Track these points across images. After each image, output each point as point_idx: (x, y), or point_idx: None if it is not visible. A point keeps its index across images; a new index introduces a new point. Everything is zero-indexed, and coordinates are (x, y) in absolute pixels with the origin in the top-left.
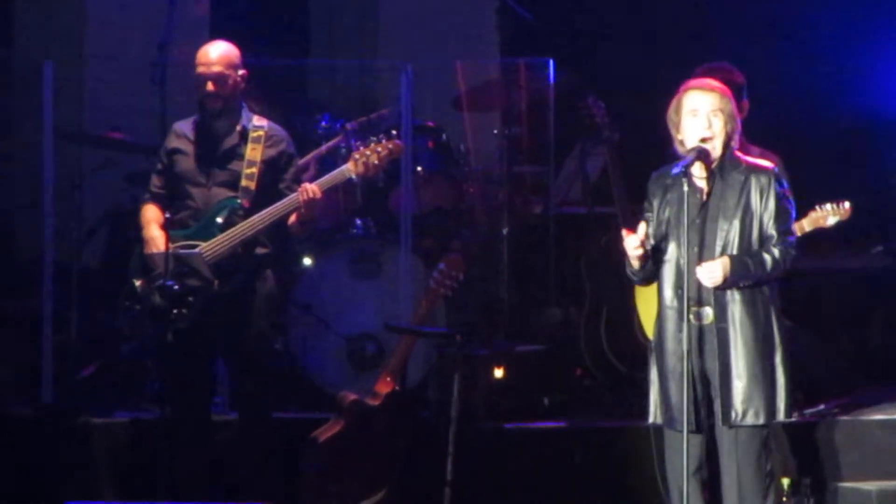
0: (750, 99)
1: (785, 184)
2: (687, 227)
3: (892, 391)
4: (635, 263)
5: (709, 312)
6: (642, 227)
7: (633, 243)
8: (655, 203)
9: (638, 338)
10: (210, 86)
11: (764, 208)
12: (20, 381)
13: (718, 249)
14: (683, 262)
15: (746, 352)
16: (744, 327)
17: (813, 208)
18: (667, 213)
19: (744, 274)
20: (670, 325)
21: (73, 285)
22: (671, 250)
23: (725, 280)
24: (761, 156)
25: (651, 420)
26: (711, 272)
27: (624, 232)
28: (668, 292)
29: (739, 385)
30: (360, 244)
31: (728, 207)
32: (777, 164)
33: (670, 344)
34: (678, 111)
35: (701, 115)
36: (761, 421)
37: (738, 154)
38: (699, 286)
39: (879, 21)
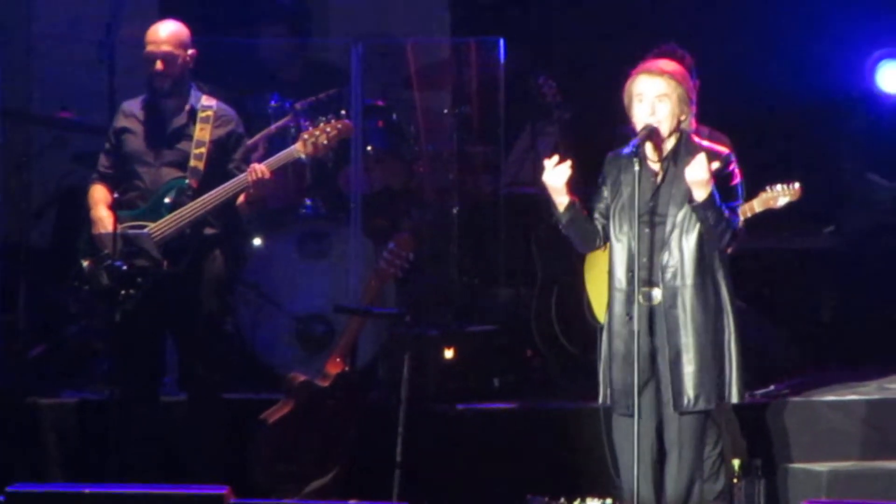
0: (700, 79)
1: (735, 167)
2: (639, 208)
3: (843, 372)
4: (560, 208)
5: (657, 294)
6: (567, 164)
7: (556, 176)
8: (609, 181)
9: (588, 319)
10: (159, 64)
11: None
12: None
13: (668, 229)
14: (635, 244)
15: (697, 337)
16: (694, 312)
17: (763, 189)
18: (620, 194)
19: (717, 205)
20: (618, 307)
21: (21, 265)
22: (623, 232)
23: (707, 183)
24: (710, 136)
25: (601, 401)
26: (700, 166)
27: (546, 163)
28: (619, 274)
29: (690, 371)
30: (310, 224)
31: (682, 191)
32: (726, 145)
33: (617, 325)
34: (628, 96)
35: (645, 101)
36: (712, 406)
37: (695, 138)
38: (650, 268)
39: (829, 1)
